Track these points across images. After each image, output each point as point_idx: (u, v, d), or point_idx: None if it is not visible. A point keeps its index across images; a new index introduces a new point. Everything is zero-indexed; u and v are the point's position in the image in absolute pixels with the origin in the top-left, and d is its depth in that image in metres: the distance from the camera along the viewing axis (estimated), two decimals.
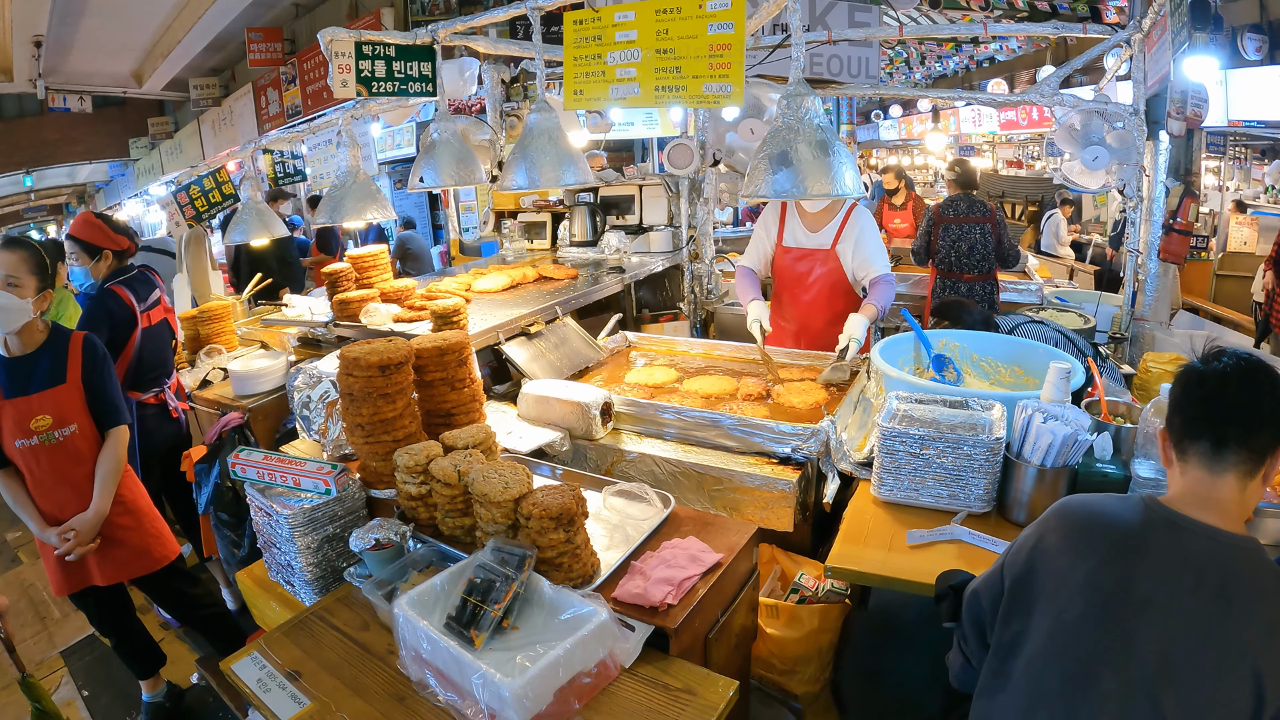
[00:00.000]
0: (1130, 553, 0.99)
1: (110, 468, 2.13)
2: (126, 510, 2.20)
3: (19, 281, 2.01)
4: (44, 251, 2.10)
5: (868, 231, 2.64)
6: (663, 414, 2.04)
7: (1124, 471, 1.70)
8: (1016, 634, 1.06)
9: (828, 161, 1.66)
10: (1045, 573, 1.04)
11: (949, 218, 3.93)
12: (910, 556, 1.58)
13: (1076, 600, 1.00)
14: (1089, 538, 1.03)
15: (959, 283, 3.87)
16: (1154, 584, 0.97)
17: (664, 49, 1.97)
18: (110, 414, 2.15)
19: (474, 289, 3.05)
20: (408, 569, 1.46)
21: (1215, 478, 1.01)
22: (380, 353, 1.64)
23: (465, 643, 1.14)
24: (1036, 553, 1.07)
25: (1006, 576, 1.10)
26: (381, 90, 2.52)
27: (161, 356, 2.80)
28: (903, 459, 1.73)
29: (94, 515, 2.09)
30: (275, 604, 1.78)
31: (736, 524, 1.60)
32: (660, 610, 1.29)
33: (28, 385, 2.04)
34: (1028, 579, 1.06)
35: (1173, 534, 1.00)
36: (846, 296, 2.71)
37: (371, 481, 1.75)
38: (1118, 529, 1.02)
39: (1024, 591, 1.06)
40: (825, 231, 2.69)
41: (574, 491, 1.32)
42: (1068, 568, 1.02)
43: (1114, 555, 1.00)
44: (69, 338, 2.14)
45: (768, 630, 1.76)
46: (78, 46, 6.52)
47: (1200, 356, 1.08)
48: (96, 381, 2.12)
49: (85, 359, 2.11)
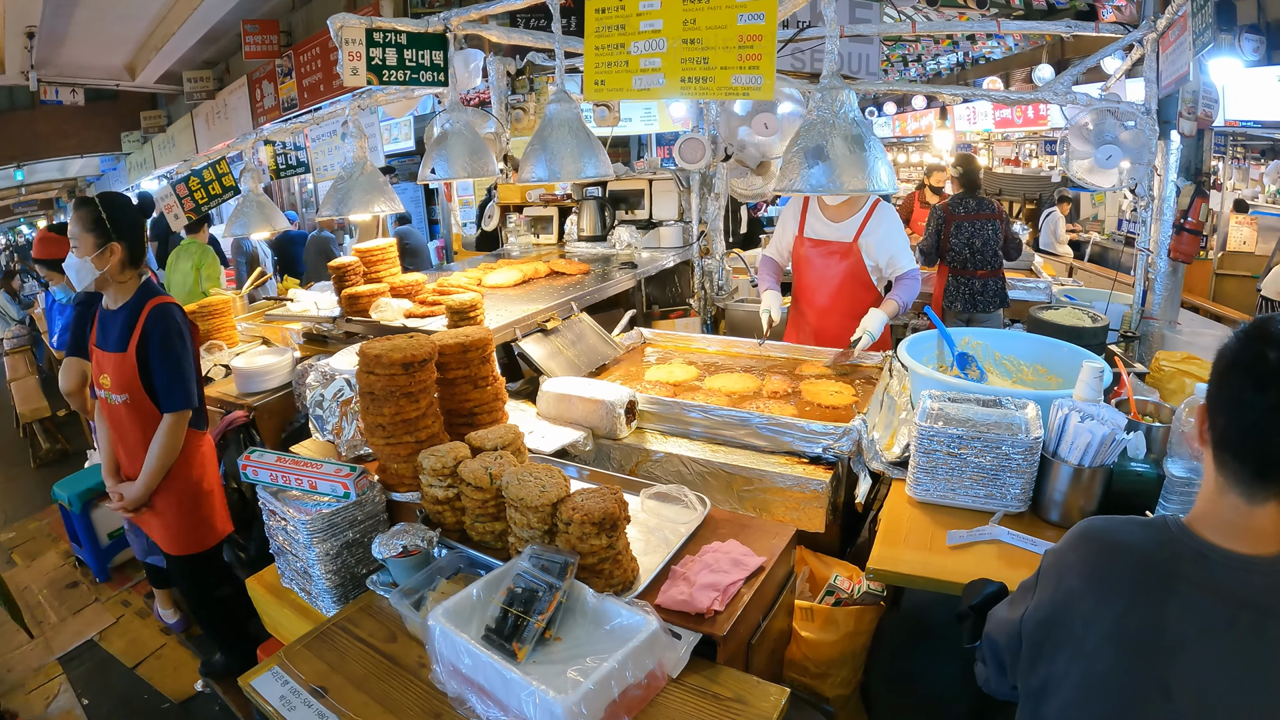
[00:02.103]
0: (1158, 591, 0.90)
1: (157, 453, 2.06)
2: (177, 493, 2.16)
3: (77, 240, 2.00)
4: (102, 208, 2.03)
5: (894, 227, 2.61)
6: (689, 413, 1.99)
7: (1157, 471, 1.68)
8: (1045, 680, 0.98)
9: (863, 157, 1.63)
10: (1070, 616, 0.95)
11: (960, 215, 3.91)
12: (951, 557, 1.55)
13: (1106, 648, 0.91)
14: (1113, 578, 0.94)
15: (972, 279, 3.86)
16: (1186, 624, 0.88)
17: (691, 39, 1.92)
18: (165, 397, 2.05)
19: (485, 284, 2.98)
20: (436, 576, 1.40)
21: (1253, 507, 0.88)
22: (403, 350, 1.57)
23: (507, 656, 1.09)
24: (1059, 594, 0.98)
25: (1027, 621, 1.02)
26: (392, 79, 2.45)
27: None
28: (940, 459, 1.69)
29: (139, 490, 2.10)
30: (290, 612, 1.71)
31: (775, 526, 1.56)
32: (707, 617, 1.24)
33: (106, 340, 2.07)
34: (1052, 623, 0.97)
35: (1202, 568, 0.90)
36: (867, 290, 2.68)
37: (392, 484, 1.69)
38: (1143, 566, 0.93)
39: (1049, 636, 0.98)
40: (848, 224, 2.64)
41: (615, 494, 1.26)
42: (1093, 612, 0.93)
43: (1141, 596, 0.91)
44: (144, 304, 2.05)
45: (802, 633, 1.72)
46: (71, 38, 6.39)
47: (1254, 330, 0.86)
48: (155, 359, 2.02)
49: (146, 331, 2.02)
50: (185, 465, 2.16)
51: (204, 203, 3.41)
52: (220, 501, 2.30)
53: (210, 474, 2.26)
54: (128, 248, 2.05)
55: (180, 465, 2.14)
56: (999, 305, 3.89)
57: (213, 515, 2.26)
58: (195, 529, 2.22)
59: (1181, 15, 2.58)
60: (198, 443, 2.21)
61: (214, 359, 3.03)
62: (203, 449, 2.24)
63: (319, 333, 2.93)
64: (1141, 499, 1.66)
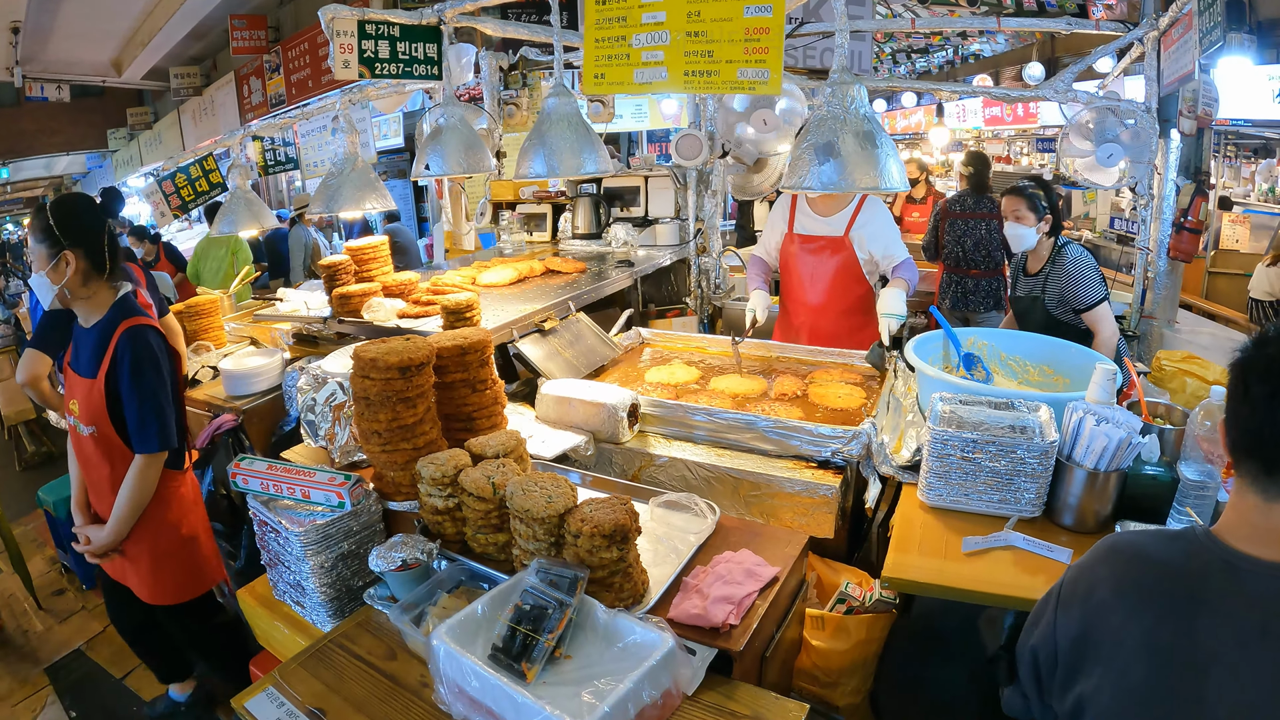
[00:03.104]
0: (1187, 603, 0.89)
1: (127, 497, 1.83)
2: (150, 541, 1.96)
3: (34, 254, 1.78)
4: (51, 214, 1.78)
5: (885, 218, 2.59)
6: (693, 415, 1.94)
7: (1172, 474, 1.65)
8: (1080, 697, 0.96)
9: (874, 154, 1.59)
10: (1100, 632, 0.94)
11: (955, 213, 3.89)
12: (967, 564, 1.51)
13: (1137, 663, 0.90)
14: (1141, 590, 0.93)
15: (965, 278, 3.84)
16: (1217, 636, 0.87)
17: (695, 31, 1.86)
18: (137, 436, 1.80)
19: (479, 283, 2.92)
20: (436, 590, 1.35)
21: (1270, 505, 0.87)
22: (400, 353, 1.51)
23: (516, 677, 1.03)
24: (1089, 609, 0.96)
25: (1061, 639, 1.00)
26: (385, 72, 2.38)
27: None
28: (954, 463, 1.66)
29: (107, 537, 1.88)
30: (283, 625, 1.64)
31: (787, 533, 1.51)
32: (722, 631, 1.19)
33: (78, 362, 1.83)
34: (1081, 641, 0.96)
35: (1231, 577, 0.89)
36: (859, 284, 2.65)
37: (388, 493, 1.63)
38: (1171, 577, 0.92)
39: (1079, 654, 0.97)
40: (838, 219, 2.60)
41: (626, 505, 1.21)
42: (1122, 626, 0.92)
43: (1170, 609, 0.90)
44: (117, 325, 1.79)
45: (813, 642, 1.67)
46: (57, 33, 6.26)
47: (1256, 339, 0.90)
48: (126, 390, 1.77)
49: (115, 358, 1.77)
50: (160, 510, 1.92)
51: (190, 200, 3.31)
52: (208, 548, 2.09)
53: (192, 518, 2.04)
54: (86, 255, 1.78)
55: (155, 510, 1.90)
56: (992, 307, 3.86)
57: (198, 564, 2.04)
58: (175, 579, 2.01)
59: (1186, 13, 2.56)
60: (175, 484, 1.98)
61: (201, 360, 2.95)
62: (182, 491, 2.01)
63: (308, 333, 2.85)
64: (1155, 503, 1.63)
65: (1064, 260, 2.54)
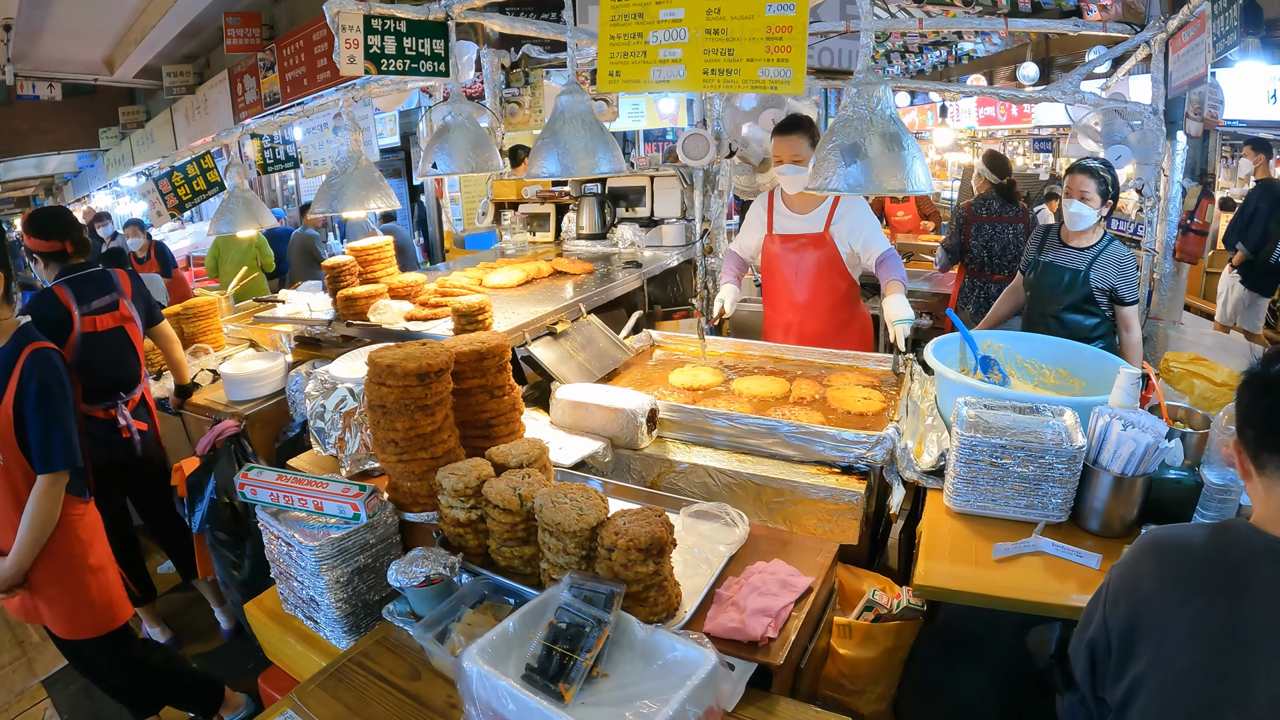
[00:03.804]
0: (1234, 589, 0.94)
1: (30, 521, 1.77)
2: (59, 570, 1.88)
3: None
4: None
5: (864, 212, 2.54)
6: (713, 420, 1.90)
7: (1195, 478, 1.65)
8: (1130, 684, 1.00)
9: (901, 156, 1.56)
10: (1149, 622, 0.99)
11: (981, 217, 3.80)
12: (999, 571, 1.50)
13: (1187, 647, 0.94)
14: (1187, 579, 0.98)
15: (989, 283, 3.76)
16: (1262, 619, 0.92)
17: (715, 29, 1.82)
18: (40, 454, 1.75)
19: (486, 284, 2.86)
20: (460, 605, 1.30)
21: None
22: (418, 358, 1.46)
23: (554, 698, 0.99)
24: (1134, 600, 1.01)
25: (1112, 631, 1.04)
26: (391, 68, 2.33)
27: (113, 367, 2.46)
28: (981, 468, 1.63)
29: (9, 567, 1.79)
30: (294, 640, 1.59)
31: (816, 541, 1.48)
32: (760, 645, 1.16)
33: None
34: (1132, 631, 1.01)
35: (1275, 563, 0.93)
36: (843, 279, 2.62)
37: (405, 504, 1.57)
38: (1216, 565, 0.97)
39: (1130, 644, 1.01)
40: (815, 215, 2.57)
41: (660, 517, 1.17)
42: (1171, 614, 0.97)
43: (1218, 595, 0.95)
44: (21, 350, 1.76)
45: (840, 650, 1.64)
46: (48, 31, 6.14)
47: (1261, 360, 1.01)
48: (30, 411, 1.73)
49: (21, 382, 1.73)
50: (65, 538, 1.86)
51: (188, 199, 3.24)
52: (113, 580, 2.01)
53: (98, 549, 1.97)
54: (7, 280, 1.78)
55: (59, 539, 1.84)
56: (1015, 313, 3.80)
57: (107, 596, 1.97)
58: (87, 610, 1.93)
59: (1198, 16, 2.54)
60: (79, 512, 1.92)
61: (200, 363, 2.89)
62: (86, 519, 1.95)
63: (312, 336, 2.79)
64: (1180, 507, 1.63)
65: (1118, 252, 2.54)
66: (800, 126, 2.44)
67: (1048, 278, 2.65)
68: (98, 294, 2.42)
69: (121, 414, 2.47)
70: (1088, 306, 2.58)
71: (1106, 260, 2.54)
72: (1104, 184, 2.51)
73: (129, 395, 2.51)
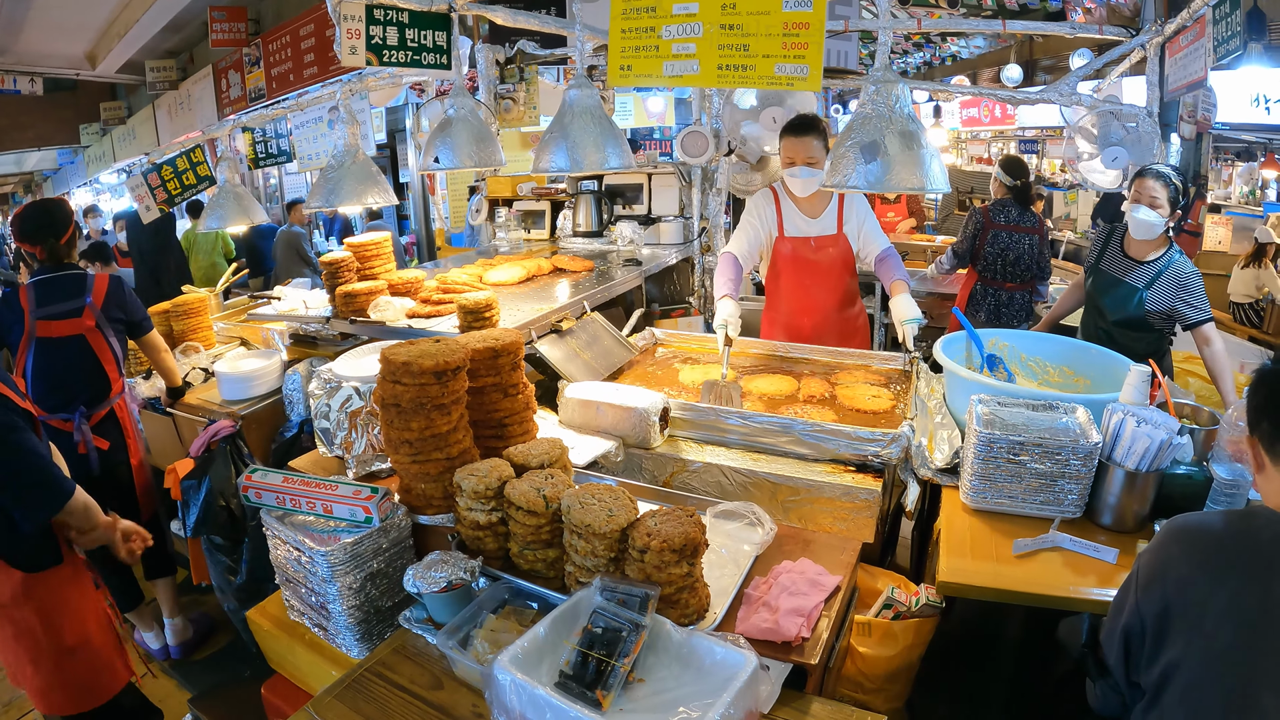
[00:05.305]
0: (1266, 570, 0.98)
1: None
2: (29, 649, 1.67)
3: None
4: None
5: (867, 209, 2.56)
6: (727, 419, 1.88)
7: (1205, 474, 1.67)
8: (1166, 666, 1.03)
9: (918, 154, 1.57)
10: (1182, 605, 1.02)
11: (999, 224, 3.74)
12: (1020, 567, 1.51)
13: (1223, 627, 0.98)
14: (1219, 562, 1.01)
15: (1000, 290, 3.75)
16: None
17: (730, 25, 1.81)
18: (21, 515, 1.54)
19: (487, 281, 2.82)
20: (481, 611, 1.26)
21: None
22: (434, 356, 1.42)
23: (592, 706, 0.96)
24: (1167, 585, 1.04)
25: (1146, 616, 1.07)
26: (393, 60, 2.28)
27: (70, 376, 2.32)
28: (999, 465, 1.64)
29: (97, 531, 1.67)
30: (302, 649, 1.53)
31: (839, 540, 1.47)
32: (794, 645, 1.14)
33: None
34: (1165, 615, 1.04)
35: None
36: (853, 276, 2.66)
37: (418, 506, 1.53)
38: (1246, 548, 1.01)
39: (1164, 627, 1.04)
40: (826, 216, 2.56)
41: (693, 517, 1.15)
42: (1206, 596, 1.00)
43: (1250, 576, 0.99)
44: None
45: (859, 649, 1.64)
46: (30, 25, 5.97)
47: (1274, 357, 1.08)
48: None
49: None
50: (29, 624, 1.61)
51: (177, 193, 3.14)
52: (97, 654, 1.76)
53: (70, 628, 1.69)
54: None
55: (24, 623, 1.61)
56: (1025, 319, 3.79)
57: (89, 673, 1.74)
58: (61, 689, 1.72)
59: (1198, 20, 2.57)
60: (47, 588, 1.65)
61: (191, 361, 2.80)
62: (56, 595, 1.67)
63: (308, 334, 2.73)
64: (1190, 502, 1.66)
65: (1180, 270, 2.37)
66: (813, 127, 2.42)
67: (1103, 291, 2.54)
68: (63, 299, 2.31)
69: (79, 429, 2.31)
70: (1141, 325, 2.46)
71: (1166, 282, 2.38)
72: (1175, 190, 2.36)
73: (92, 410, 2.36)
